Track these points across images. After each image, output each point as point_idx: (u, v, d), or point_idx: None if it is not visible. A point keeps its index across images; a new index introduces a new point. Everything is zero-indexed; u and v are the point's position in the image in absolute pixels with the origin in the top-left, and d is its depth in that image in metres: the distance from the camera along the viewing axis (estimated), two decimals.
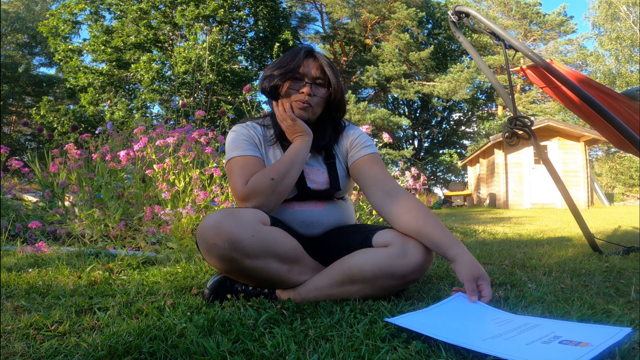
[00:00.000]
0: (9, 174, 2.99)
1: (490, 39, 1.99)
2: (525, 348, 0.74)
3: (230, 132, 1.30)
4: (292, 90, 1.21)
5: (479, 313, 0.96)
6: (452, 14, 2.14)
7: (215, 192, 2.35)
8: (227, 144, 1.28)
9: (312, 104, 1.22)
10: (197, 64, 12.82)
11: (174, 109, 11.13)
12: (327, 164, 1.32)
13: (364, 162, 1.29)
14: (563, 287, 1.30)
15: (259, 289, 1.16)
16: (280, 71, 1.19)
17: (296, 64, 1.19)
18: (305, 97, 1.20)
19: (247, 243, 1.03)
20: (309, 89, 1.20)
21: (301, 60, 1.20)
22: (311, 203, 1.29)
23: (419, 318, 0.91)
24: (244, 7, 15.71)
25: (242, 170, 1.21)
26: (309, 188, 1.27)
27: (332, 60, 6.13)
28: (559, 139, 11.47)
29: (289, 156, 1.20)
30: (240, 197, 1.18)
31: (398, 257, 1.09)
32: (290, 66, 1.19)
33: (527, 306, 1.08)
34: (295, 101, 1.21)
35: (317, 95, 1.23)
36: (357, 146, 1.32)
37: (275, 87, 1.21)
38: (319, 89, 1.23)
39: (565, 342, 0.75)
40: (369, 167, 1.28)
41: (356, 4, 20.99)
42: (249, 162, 1.23)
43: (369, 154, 1.31)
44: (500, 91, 2.17)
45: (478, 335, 0.82)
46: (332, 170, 1.31)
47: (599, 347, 0.71)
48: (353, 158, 1.31)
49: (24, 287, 1.30)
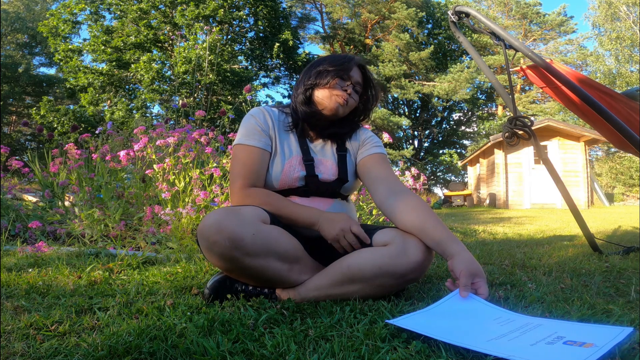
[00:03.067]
0: (9, 174, 2.99)
1: (490, 39, 1.99)
2: (530, 349, 0.74)
3: (247, 114, 1.39)
4: (338, 85, 1.32)
5: (479, 312, 0.96)
6: (452, 14, 2.14)
7: (215, 192, 2.35)
8: (241, 127, 1.36)
9: (348, 103, 1.34)
10: (197, 64, 12.82)
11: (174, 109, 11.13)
12: (338, 155, 1.37)
13: (373, 159, 1.37)
14: (563, 287, 1.30)
15: (259, 288, 1.16)
16: (335, 68, 1.32)
17: (349, 66, 1.33)
18: (346, 95, 1.32)
19: (248, 241, 1.04)
20: (351, 90, 1.33)
21: (353, 65, 1.35)
22: (315, 200, 1.30)
23: (420, 319, 0.91)
24: (244, 7, 15.71)
25: (243, 166, 1.27)
26: (317, 177, 1.31)
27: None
28: (559, 139, 11.47)
29: (293, 209, 1.21)
30: (237, 196, 1.25)
31: (398, 256, 1.10)
32: (345, 67, 1.33)
33: (527, 306, 1.08)
34: (336, 95, 1.31)
35: (354, 98, 1.35)
36: (369, 144, 1.41)
37: (328, 80, 1.32)
38: (356, 94, 1.37)
39: (570, 343, 0.75)
40: (377, 165, 1.35)
41: (356, 4, 20.99)
42: (250, 157, 1.28)
43: (379, 153, 1.39)
44: (500, 91, 2.17)
45: (482, 335, 0.82)
46: (342, 162, 1.36)
47: (604, 347, 0.71)
48: (362, 154, 1.39)
49: (24, 287, 1.30)
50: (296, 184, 1.30)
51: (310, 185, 1.30)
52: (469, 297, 0.99)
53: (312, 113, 1.33)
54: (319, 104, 1.33)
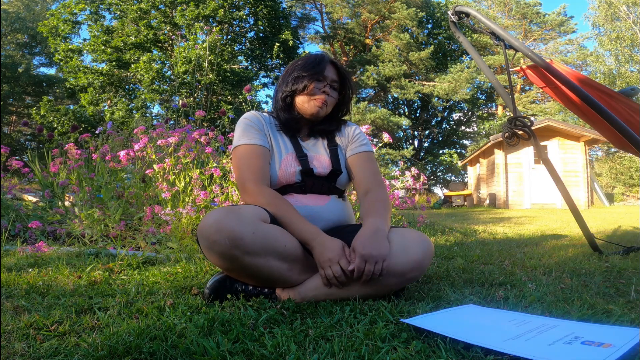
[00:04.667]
0: (9, 174, 2.99)
1: (490, 39, 1.99)
2: (548, 349, 0.74)
3: (241, 118, 1.42)
4: (315, 89, 1.37)
5: (494, 314, 0.96)
6: (452, 14, 2.14)
7: (215, 192, 2.35)
8: (237, 130, 1.39)
9: (328, 103, 1.39)
10: (197, 64, 12.82)
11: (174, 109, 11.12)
12: (330, 149, 1.43)
13: (360, 158, 1.42)
14: (563, 287, 1.30)
15: (259, 288, 1.16)
16: (309, 73, 1.36)
17: (322, 67, 1.37)
18: (325, 96, 1.37)
19: (248, 240, 1.04)
20: (329, 90, 1.38)
21: (325, 65, 1.38)
22: (312, 198, 1.32)
23: (435, 320, 0.91)
24: (244, 7, 15.71)
25: (250, 162, 1.30)
26: (312, 171, 1.34)
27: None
28: (559, 139, 11.47)
29: (293, 220, 1.19)
30: (249, 192, 1.25)
31: (397, 255, 1.10)
32: (318, 69, 1.37)
33: (527, 306, 1.08)
34: (314, 99, 1.37)
35: (332, 96, 1.41)
36: (357, 142, 1.46)
37: (305, 86, 1.37)
38: (334, 91, 1.42)
39: (588, 343, 0.75)
40: (362, 166, 1.41)
41: (356, 4, 20.99)
42: (255, 153, 1.32)
43: (365, 152, 1.44)
44: (500, 91, 2.17)
45: (498, 336, 0.81)
46: (334, 155, 1.42)
47: (623, 347, 0.71)
48: (350, 152, 1.45)
49: (24, 287, 1.30)
50: (293, 180, 1.33)
51: (307, 180, 1.33)
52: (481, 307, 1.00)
53: (292, 119, 1.40)
54: (299, 109, 1.39)
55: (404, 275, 1.11)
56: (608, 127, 1.89)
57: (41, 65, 27.52)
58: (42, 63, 27.45)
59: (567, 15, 21.97)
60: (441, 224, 4.40)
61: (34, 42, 25.90)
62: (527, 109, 20.87)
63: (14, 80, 23.83)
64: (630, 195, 21.08)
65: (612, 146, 12.28)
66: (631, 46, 18.56)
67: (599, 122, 2.10)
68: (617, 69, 19.24)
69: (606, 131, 2.23)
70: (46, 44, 18.96)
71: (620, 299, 1.17)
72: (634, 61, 18.67)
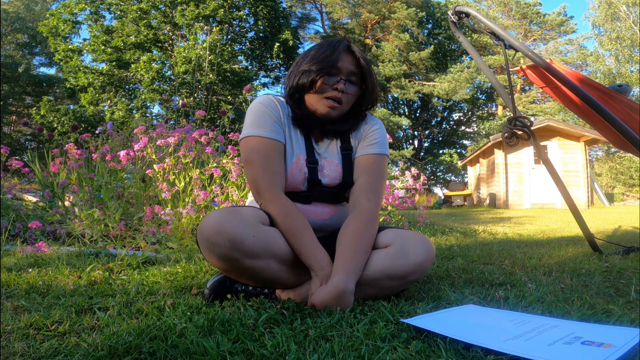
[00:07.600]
0: (9, 174, 2.98)
1: (490, 39, 1.99)
2: (548, 349, 0.74)
3: (256, 102, 1.22)
4: (325, 85, 1.16)
5: (494, 314, 0.96)
6: (452, 14, 2.14)
7: (215, 192, 2.35)
8: (250, 115, 1.20)
9: (342, 102, 1.19)
10: (197, 64, 12.82)
11: (174, 109, 11.12)
12: (343, 154, 1.27)
13: (363, 161, 1.26)
14: (563, 287, 1.30)
15: (259, 288, 1.15)
16: (318, 66, 1.14)
17: (335, 58, 1.14)
18: (338, 94, 1.17)
19: (248, 243, 1.03)
20: (342, 86, 1.16)
21: (339, 55, 1.15)
22: (317, 208, 1.25)
23: (435, 320, 0.91)
24: (244, 7, 15.72)
25: (267, 162, 1.16)
26: (321, 182, 1.23)
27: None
28: (559, 139, 11.47)
29: (302, 242, 1.10)
30: (263, 197, 1.15)
31: (398, 258, 1.09)
32: (329, 61, 1.14)
33: (527, 306, 1.08)
34: (325, 97, 1.16)
35: (349, 92, 1.19)
36: (368, 140, 1.28)
37: (313, 82, 1.15)
38: (352, 86, 1.19)
39: (588, 343, 0.75)
40: (361, 171, 1.25)
41: (356, 4, 20.99)
42: (272, 151, 1.17)
43: (373, 154, 1.27)
44: (500, 91, 2.17)
45: (498, 336, 0.82)
46: (346, 162, 1.26)
47: (623, 348, 0.71)
48: (359, 152, 1.28)
49: (24, 287, 1.29)
50: (300, 188, 1.22)
51: (313, 190, 1.24)
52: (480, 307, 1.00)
53: (304, 115, 1.22)
54: (310, 107, 1.20)
55: (405, 277, 1.11)
56: (608, 127, 1.89)
57: (41, 65, 27.56)
58: (42, 63, 27.49)
59: (567, 15, 21.99)
60: (441, 224, 4.40)
61: (34, 42, 25.91)
62: (527, 109, 20.87)
63: (14, 80, 23.83)
64: (630, 195, 21.08)
65: (612, 146, 12.27)
66: (631, 46, 18.56)
67: (599, 122, 2.10)
68: (617, 69, 19.25)
69: (606, 131, 2.23)
70: (46, 44, 18.96)
71: (620, 299, 1.17)
72: (634, 61, 18.67)
